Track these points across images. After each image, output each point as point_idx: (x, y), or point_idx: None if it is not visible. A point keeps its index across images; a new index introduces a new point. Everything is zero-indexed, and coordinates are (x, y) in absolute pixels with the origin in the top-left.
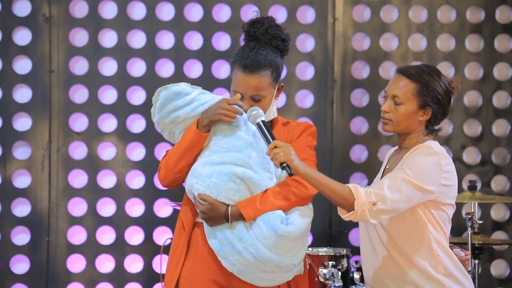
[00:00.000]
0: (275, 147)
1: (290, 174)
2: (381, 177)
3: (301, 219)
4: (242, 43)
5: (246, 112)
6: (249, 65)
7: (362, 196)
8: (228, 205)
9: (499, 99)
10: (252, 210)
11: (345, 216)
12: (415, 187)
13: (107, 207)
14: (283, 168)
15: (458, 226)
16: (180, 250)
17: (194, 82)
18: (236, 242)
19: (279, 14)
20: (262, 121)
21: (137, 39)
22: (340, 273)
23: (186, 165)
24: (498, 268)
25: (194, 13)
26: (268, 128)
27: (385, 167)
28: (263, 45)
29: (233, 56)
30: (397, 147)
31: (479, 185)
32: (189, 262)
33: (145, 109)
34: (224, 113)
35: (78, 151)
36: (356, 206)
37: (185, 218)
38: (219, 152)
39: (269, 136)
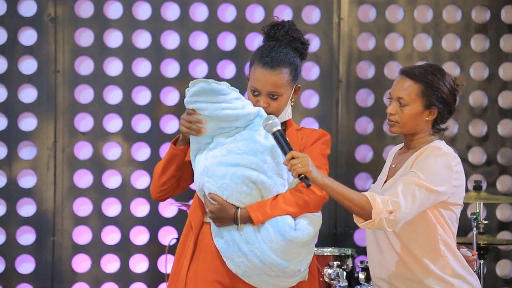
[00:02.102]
0: (293, 157)
1: (308, 185)
2: (387, 176)
3: (309, 226)
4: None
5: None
6: (269, 61)
7: (379, 205)
8: (238, 207)
9: (505, 99)
10: (262, 214)
11: (362, 224)
12: (428, 191)
13: (112, 207)
14: (301, 179)
15: (463, 226)
16: (187, 250)
17: None
18: (242, 244)
19: (285, 14)
20: (278, 131)
21: (142, 39)
22: (345, 273)
23: (170, 177)
24: (503, 268)
25: (199, 13)
26: (284, 138)
27: (391, 166)
28: (283, 45)
29: (252, 54)
30: (400, 145)
31: (484, 185)
32: (195, 262)
33: (150, 109)
34: (186, 127)
35: (83, 151)
36: (374, 215)
37: (193, 217)
38: (235, 153)
39: (285, 146)
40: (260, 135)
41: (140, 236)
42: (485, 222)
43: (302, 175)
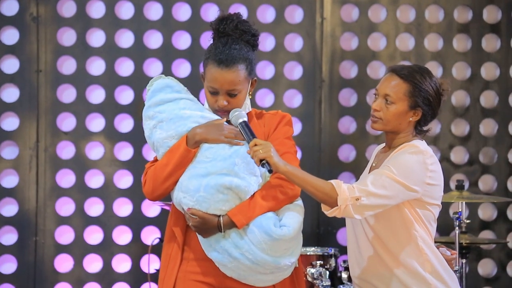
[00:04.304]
0: (255, 145)
1: (270, 171)
2: None
3: (293, 220)
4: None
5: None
6: (224, 60)
7: (345, 191)
8: (219, 215)
9: (487, 99)
10: (244, 217)
11: (328, 212)
12: (399, 185)
13: (95, 207)
14: (263, 166)
15: (445, 226)
16: (173, 252)
17: (182, 81)
18: (232, 249)
19: (267, 14)
20: (244, 121)
21: (125, 39)
22: (328, 272)
23: (175, 181)
24: (485, 268)
25: (182, 12)
26: (249, 128)
27: (372, 164)
28: (235, 40)
29: (205, 53)
30: (383, 144)
31: (466, 185)
32: (184, 263)
33: (133, 109)
34: (229, 137)
35: (66, 150)
36: (339, 202)
37: (176, 228)
38: (204, 162)
39: (250, 135)
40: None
41: (123, 236)
42: (467, 221)
43: (264, 161)
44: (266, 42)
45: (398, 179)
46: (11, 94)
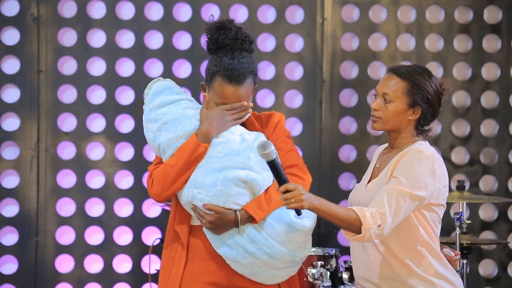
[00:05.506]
0: (286, 191)
1: (299, 215)
2: (371, 176)
3: (310, 212)
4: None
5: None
6: (236, 76)
7: (369, 221)
8: (235, 210)
9: (488, 99)
10: (261, 211)
11: (351, 238)
12: (412, 198)
13: (95, 207)
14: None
15: (446, 226)
16: (177, 253)
17: (183, 82)
18: (248, 244)
19: (268, 14)
20: (275, 159)
21: (126, 39)
22: (328, 273)
23: (185, 180)
24: (486, 268)
25: (183, 13)
26: (280, 167)
27: (375, 165)
28: (239, 52)
29: (210, 66)
30: (385, 145)
31: (467, 185)
32: (189, 264)
33: (133, 109)
34: (237, 117)
35: (67, 151)
36: (364, 231)
37: (179, 227)
38: (217, 157)
39: (280, 176)
40: (236, 135)
41: (123, 236)
42: (468, 222)
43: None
44: (267, 43)
45: (409, 191)
46: (12, 94)
